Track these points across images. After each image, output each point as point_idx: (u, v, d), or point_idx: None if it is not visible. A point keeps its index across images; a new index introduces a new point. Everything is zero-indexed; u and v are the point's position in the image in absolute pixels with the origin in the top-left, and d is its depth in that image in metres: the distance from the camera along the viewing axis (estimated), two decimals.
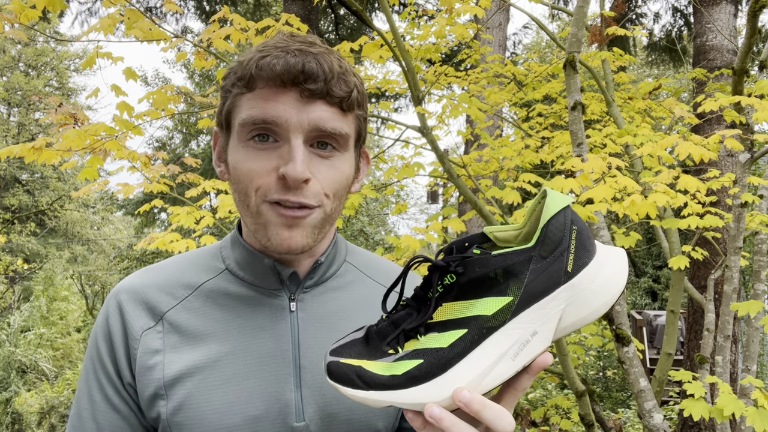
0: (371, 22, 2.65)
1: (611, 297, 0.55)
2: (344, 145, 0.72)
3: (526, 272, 0.54)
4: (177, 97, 2.62)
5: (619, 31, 3.36)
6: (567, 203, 0.56)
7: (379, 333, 0.58)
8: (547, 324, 0.54)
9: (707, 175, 2.72)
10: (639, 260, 13.62)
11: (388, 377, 0.54)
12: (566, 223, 0.55)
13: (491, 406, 0.53)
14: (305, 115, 0.68)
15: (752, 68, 5.15)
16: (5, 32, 2.29)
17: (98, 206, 20.78)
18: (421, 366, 0.54)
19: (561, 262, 0.54)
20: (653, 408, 2.05)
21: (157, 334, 0.74)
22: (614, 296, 0.55)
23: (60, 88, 20.37)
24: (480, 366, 0.53)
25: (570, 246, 0.55)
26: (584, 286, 0.55)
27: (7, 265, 16.12)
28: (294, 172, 0.66)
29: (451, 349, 0.54)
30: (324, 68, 0.67)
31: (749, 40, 2.27)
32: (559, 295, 0.54)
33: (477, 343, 0.54)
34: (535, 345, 0.54)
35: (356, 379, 0.54)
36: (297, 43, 0.69)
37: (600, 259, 0.56)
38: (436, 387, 0.53)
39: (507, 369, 0.54)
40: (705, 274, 4.71)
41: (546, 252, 0.54)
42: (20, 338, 13.79)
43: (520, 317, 0.54)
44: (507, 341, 0.54)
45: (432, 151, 2.72)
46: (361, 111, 0.74)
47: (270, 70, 0.67)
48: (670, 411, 6.62)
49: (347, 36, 8.81)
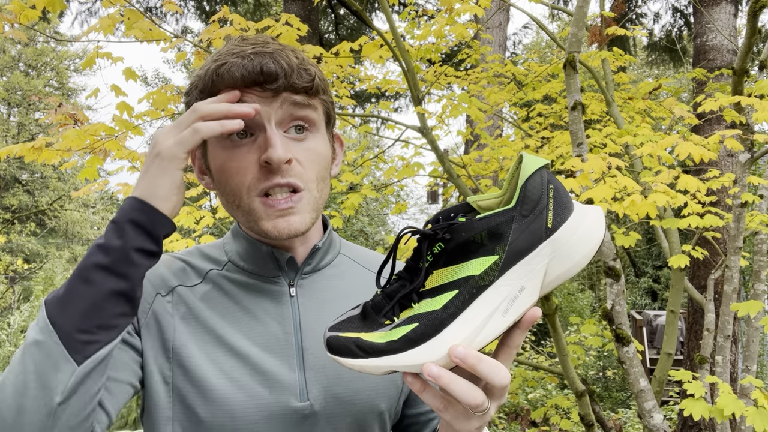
0: (371, 22, 2.65)
1: (591, 249, 0.58)
2: (315, 126, 0.76)
3: (509, 231, 0.56)
4: (177, 97, 2.62)
5: (619, 31, 3.36)
6: (543, 164, 0.58)
7: (374, 307, 0.60)
8: (533, 279, 0.57)
9: (707, 175, 2.72)
10: (639, 260, 13.62)
11: (386, 343, 0.55)
12: (543, 183, 0.58)
13: (487, 360, 0.54)
14: (274, 107, 0.71)
15: (752, 68, 5.15)
16: (5, 32, 2.29)
17: (98, 206, 20.78)
18: (417, 329, 0.55)
19: (541, 219, 0.57)
20: (653, 408, 2.05)
21: (168, 303, 0.77)
22: (593, 248, 0.58)
23: (60, 88, 20.37)
24: (473, 324, 0.55)
25: (548, 203, 0.58)
26: (565, 240, 0.57)
27: (7, 265, 16.12)
28: (276, 155, 0.69)
29: (444, 310, 0.56)
30: (282, 65, 0.70)
31: (749, 40, 2.27)
32: (542, 250, 0.57)
33: (468, 303, 0.56)
34: (524, 300, 0.56)
35: (355, 349, 0.56)
36: (250, 46, 0.72)
37: (578, 214, 0.59)
38: (432, 347, 0.55)
39: (499, 325, 0.56)
40: (705, 274, 4.71)
41: (526, 211, 0.57)
42: (20, 338, 13.79)
43: (508, 275, 0.56)
44: (497, 298, 0.56)
45: (432, 151, 2.72)
46: (326, 96, 0.78)
47: (230, 77, 0.70)
48: (670, 411, 6.62)
49: (347, 36, 8.81)
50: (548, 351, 8.91)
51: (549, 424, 5.59)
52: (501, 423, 7.03)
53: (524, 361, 3.22)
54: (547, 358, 6.84)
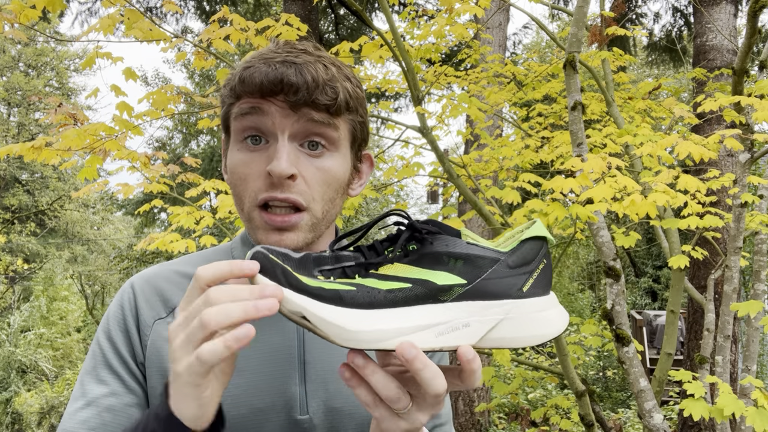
0: (371, 22, 2.65)
1: (546, 334, 0.57)
2: (335, 144, 0.73)
3: (488, 269, 0.56)
4: (177, 97, 2.62)
5: (619, 31, 3.36)
6: (547, 238, 0.59)
7: (316, 259, 0.56)
8: (480, 324, 0.55)
9: (707, 175, 2.72)
10: (639, 260, 13.62)
11: (315, 287, 0.53)
12: (542, 252, 0.58)
13: (432, 368, 0.53)
14: (290, 120, 0.70)
15: (752, 68, 5.15)
16: (5, 32, 2.29)
17: (98, 206, 20.78)
18: (351, 293, 0.53)
19: (521, 279, 0.57)
20: (653, 408, 2.05)
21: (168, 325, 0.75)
22: (548, 336, 0.57)
23: (60, 88, 20.36)
24: (406, 321, 0.53)
25: (534, 272, 0.58)
26: (529, 311, 0.57)
27: (7, 265, 16.11)
28: (278, 168, 0.68)
29: (387, 293, 0.54)
30: (306, 78, 0.68)
31: (749, 40, 2.27)
32: (505, 305, 0.56)
33: (413, 303, 0.54)
34: (462, 336, 0.55)
35: (280, 275, 0.52)
36: (284, 53, 0.70)
37: (552, 300, 0.60)
38: (357, 316, 0.52)
39: (428, 341, 0.54)
40: (705, 274, 4.71)
41: (514, 264, 0.57)
42: (20, 338, 13.78)
43: (462, 304, 0.55)
44: (440, 317, 0.54)
45: (432, 151, 2.72)
46: (353, 115, 0.75)
47: (251, 83, 0.69)
48: (670, 411, 6.62)
49: (347, 36, 8.81)
50: (548, 351, 8.90)
51: (549, 424, 5.59)
52: (501, 423, 7.03)
53: (524, 361, 3.22)
54: (547, 358, 6.84)
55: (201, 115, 2.94)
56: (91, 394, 0.73)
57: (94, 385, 0.73)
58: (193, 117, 10.81)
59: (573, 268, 14.46)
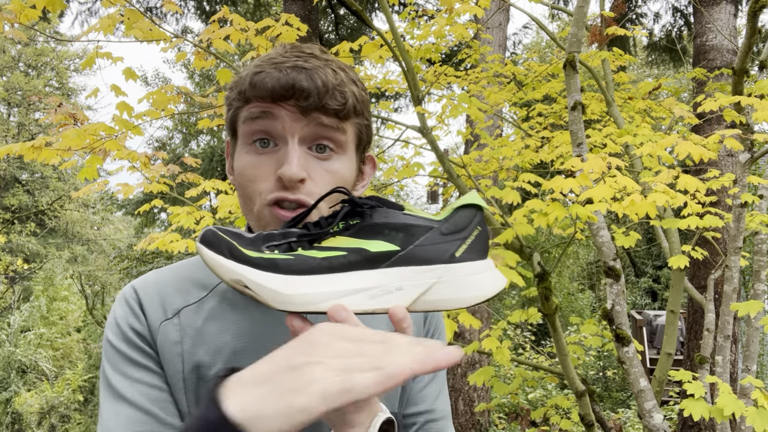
0: (371, 22, 2.65)
1: (479, 295, 0.60)
2: (342, 147, 0.75)
3: (421, 236, 0.59)
4: (177, 97, 2.62)
5: (619, 31, 3.36)
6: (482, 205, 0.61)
7: (266, 237, 0.60)
8: (413, 288, 0.58)
9: (707, 175, 2.72)
10: (639, 260, 13.62)
11: (254, 257, 0.56)
12: (475, 219, 0.61)
13: None
14: (300, 124, 0.71)
15: (752, 68, 5.15)
16: (5, 32, 2.29)
17: (98, 206, 20.77)
18: (287, 261, 0.56)
19: (454, 245, 0.60)
20: (653, 408, 2.05)
21: (174, 327, 0.76)
22: (482, 297, 0.60)
23: (60, 88, 20.36)
24: (339, 285, 0.56)
25: (468, 238, 0.60)
26: (462, 274, 0.59)
27: (7, 265, 16.11)
28: (290, 172, 0.69)
29: (322, 261, 0.57)
30: (317, 83, 0.69)
31: (749, 40, 2.27)
32: (438, 269, 0.59)
33: (347, 269, 0.57)
34: (395, 299, 0.58)
35: (225, 251, 0.56)
36: (293, 57, 0.72)
37: (487, 264, 0.62)
38: (291, 282, 0.56)
39: (361, 304, 0.57)
40: (705, 274, 4.71)
41: (447, 231, 0.60)
42: (20, 338, 13.78)
43: (395, 269, 0.58)
44: (373, 281, 0.57)
45: (432, 151, 2.72)
46: (359, 119, 0.77)
47: (262, 88, 0.70)
48: (670, 411, 6.62)
49: (347, 36, 8.81)
50: (548, 351, 8.91)
51: (549, 424, 5.59)
52: (501, 423, 7.03)
53: (524, 361, 3.22)
54: (547, 358, 6.84)
55: (201, 115, 2.94)
56: (128, 393, 0.71)
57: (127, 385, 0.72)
58: (193, 117, 10.81)
59: (573, 268, 14.45)
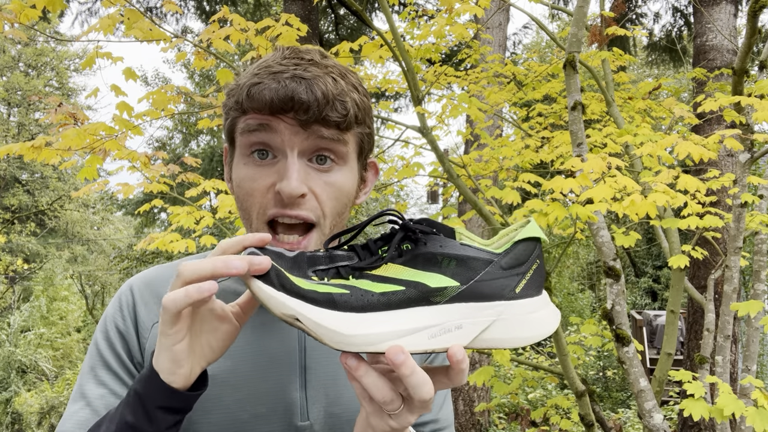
0: (371, 22, 2.65)
1: (537, 334, 0.57)
2: (343, 158, 0.73)
3: (481, 271, 0.56)
4: (177, 97, 2.62)
5: (619, 31, 3.36)
6: (540, 237, 0.58)
7: (310, 259, 0.56)
8: (473, 326, 0.55)
9: (707, 175, 2.72)
10: (639, 260, 13.62)
11: (308, 290, 0.53)
12: (534, 252, 0.58)
13: (420, 374, 0.53)
14: (300, 137, 0.69)
15: (752, 68, 5.15)
16: (5, 32, 2.29)
17: (98, 206, 20.77)
18: (344, 296, 0.53)
19: (514, 280, 0.57)
20: (653, 408, 2.05)
21: None
22: (540, 336, 0.57)
23: (60, 88, 20.36)
24: (399, 325, 0.53)
25: (528, 273, 0.57)
26: (522, 311, 0.57)
27: (7, 265, 16.11)
28: (289, 188, 0.67)
29: (381, 296, 0.54)
30: (316, 95, 0.67)
31: (749, 40, 2.27)
32: (498, 306, 0.56)
33: (406, 305, 0.54)
34: (455, 338, 0.55)
35: (273, 276, 0.53)
36: (292, 66, 0.69)
37: (544, 300, 0.59)
38: (350, 320, 0.52)
39: (420, 343, 0.54)
40: (705, 274, 4.71)
41: (507, 265, 0.56)
42: (20, 338, 13.78)
43: (455, 306, 0.55)
44: (433, 319, 0.54)
45: (432, 151, 2.72)
46: (361, 128, 0.74)
47: (260, 101, 0.67)
48: (670, 411, 6.62)
49: (347, 36, 8.81)
50: (548, 351, 8.90)
51: (549, 424, 5.59)
52: (501, 423, 7.03)
53: (524, 361, 3.22)
54: (547, 358, 6.83)
55: (201, 115, 2.94)
56: (90, 395, 0.72)
57: (93, 386, 0.73)
58: (193, 117, 10.80)
59: (573, 268, 14.46)
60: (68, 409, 0.73)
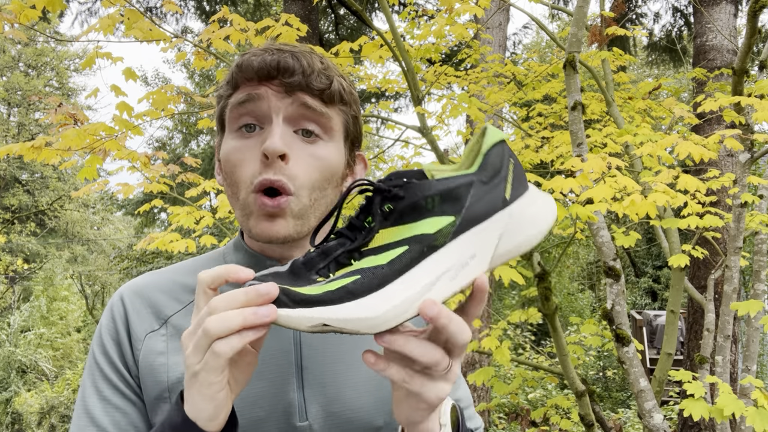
0: (371, 22, 2.65)
1: (544, 227, 0.57)
2: (328, 133, 0.74)
3: (467, 196, 0.55)
4: (177, 97, 2.62)
5: (619, 31, 3.36)
6: (504, 137, 0.58)
7: (306, 263, 0.55)
8: (485, 248, 0.55)
9: (707, 175, 2.72)
10: (639, 260, 13.62)
11: (321, 293, 0.51)
12: (505, 154, 0.58)
13: (457, 320, 0.53)
14: (285, 102, 0.71)
15: (752, 68, 5.15)
16: (5, 32, 2.29)
17: (98, 206, 20.77)
18: (358, 281, 0.51)
19: (500, 188, 0.56)
20: (653, 408, 2.05)
21: (160, 337, 0.75)
22: (546, 228, 0.57)
23: (60, 88, 20.36)
24: (420, 283, 0.52)
25: (508, 175, 0.57)
26: (520, 213, 0.57)
27: (7, 265, 16.11)
28: (272, 146, 0.68)
29: (390, 265, 0.52)
30: (302, 63, 0.70)
31: (749, 40, 2.27)
32: (498, 219, 0.56)
33: (417, 261, 0.53)
34: (474, 268, 0.55)
35: (282, 297, 0.51)
36: (279, 44, 0.73)
37: (532, 193, 0.59)
38: (376, 301, 0.51)
39: (446, 289, 0.53)
40: (705, 274, 4.71)
41: (486, 177, 0.56)
42: (20, 338, 13.78)
43: (461, 239, 0.54)
44: (447, 261, 0.53)
45: (432, 151, 2.72)
46: (346, 107, 0.76)
47: (248, 69, 0.71)
48: (670, 411, 6.63)
49: (347, 36, 8.81)
50: (548, 351, 8.90)
51: (549, 424, 5.59)
52: (501, 423, 7.04)
53: (524, 361, 3.22)
54: (547, 358, 6.84)
55: (201, 115, 2.94)
56: (95, 411, 0.73)
57: (95, 401, 0.73)
58: (193, 117, 10.79)
59: (573, 268, 14.45)
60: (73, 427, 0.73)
